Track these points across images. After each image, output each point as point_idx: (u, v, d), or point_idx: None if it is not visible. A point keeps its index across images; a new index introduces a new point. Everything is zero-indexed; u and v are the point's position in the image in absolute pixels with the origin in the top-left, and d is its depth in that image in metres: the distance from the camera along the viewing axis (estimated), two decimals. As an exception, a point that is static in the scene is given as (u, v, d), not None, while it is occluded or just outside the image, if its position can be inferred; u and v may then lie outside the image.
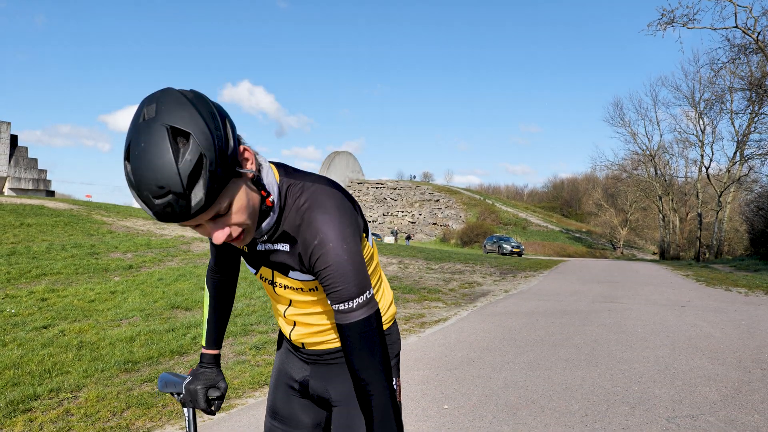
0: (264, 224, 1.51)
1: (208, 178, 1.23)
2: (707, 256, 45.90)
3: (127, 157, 1.23)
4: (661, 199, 56.77)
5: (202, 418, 4.76)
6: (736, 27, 31.84)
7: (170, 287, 10.74)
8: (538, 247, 63.06)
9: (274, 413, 1.95)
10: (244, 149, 1.40)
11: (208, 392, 1.93)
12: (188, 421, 2.01)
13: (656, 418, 4.73)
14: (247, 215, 1.39)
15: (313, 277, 1.59)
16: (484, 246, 48.54)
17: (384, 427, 1.48)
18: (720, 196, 46.23)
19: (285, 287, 1.70)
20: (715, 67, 41.69)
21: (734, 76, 39.60)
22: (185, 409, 2.02)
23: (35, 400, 5.02)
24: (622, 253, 68.33)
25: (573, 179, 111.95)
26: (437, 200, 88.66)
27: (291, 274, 1.63)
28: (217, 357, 2.00)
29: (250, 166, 1.40)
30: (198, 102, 1.28)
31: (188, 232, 20.24)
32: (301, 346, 1.85)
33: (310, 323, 1.76)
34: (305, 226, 1.49)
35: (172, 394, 2.06)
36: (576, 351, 7.17)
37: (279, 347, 2.02)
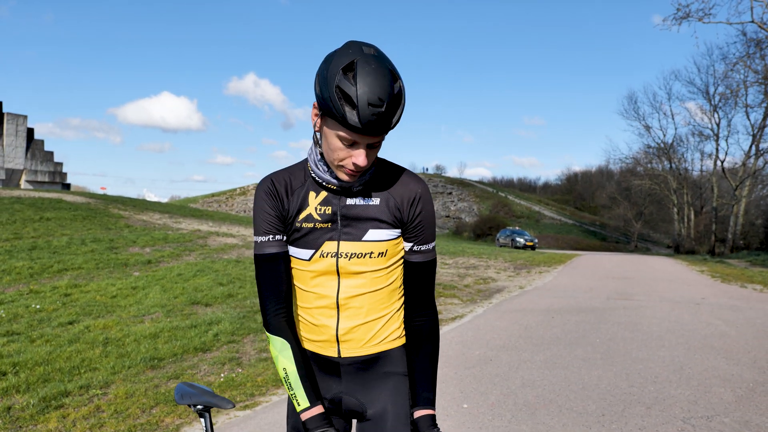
0: (365, 176, 1.79)
1: (400, 112, 1.65)
2: (723, 250, 45.63)
3: (348, 70, 1.57)
4: (675, 192, 56.44)
5: (229, 416, 4.90)
6: (752, 21, 31.55)
7: (189, 283, 10.91)
8: (551, 241, 62.95)
9: None
10: None
11: None
12: (206, 431, 2.08)
13: (672, 419, 4.82)
14: (374, 158, 1.74)
15: (389, 237, 1.81)
16: (498, 239, 48.48)
17: (436, 346, 1.91)
18: (735, 190, 45.91)
19: (350, 256, 1.78)
20: (729, 62, 41.29)
21: (749, 70, 39.25)
22: (202, 420, 2.07)
23: (66, 396, 5.19)
24: (636, 246, 68.04)
25: (586, 172, 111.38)
26: (450, 193, 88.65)
27: (368, 234, 1.79)
28: (326, 414, 1.74)
29: None
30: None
31: (204, 226, 20.46)
32: (337, 356, 1.85)
33: (359, 306, 1.80)
34: (403, 184, 1.84)
35: (189, 405, 2.07)
36: (592, 350, 7.25)
37: None
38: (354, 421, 1.97)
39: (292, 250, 1.82)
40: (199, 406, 2.04)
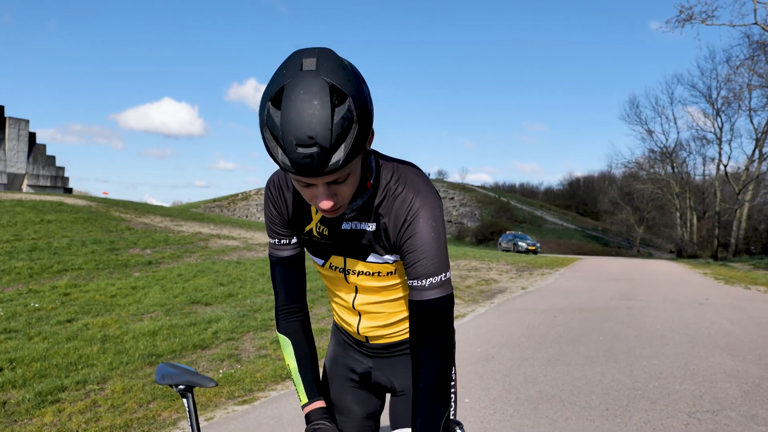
0: (355, 201, 1.52)
1: (351, 143, 1.25)
2: (726, 255, 45.48)
3: (277, 100, 1.23)
4: (678, 197, 56.32)
5: (227, 411, 4.83)
6: (756, 24, 31.48)
7: (189, 283, 10.85)
8: (553, 246, 62.81)
9: None
10: None
11: None
12: (189, 411, 2.00)
13: (677, 413, 4.74)
14: (353, 190, 1.40)
15: (392, 260, 1.60)
16: (500, 243, 48.36)
17: (430, 409, 1.50)
18: (738, 195, 45.79)
19: (358, 273, 1.66)
20: (733, 65, 41.25)
21: (752, 73, 39.21)
22: (185, 400, 2.00)
23: (63, 391, 5.12)
24: (638, 251, 67.87)
25: (589, 177, 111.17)
26: (452, 198, 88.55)
27: (369, 258, 1.60)
28: (326, 408, 1.75)
29: (368, 145, 1.40)
30: (354, 70, 1.30)
31: (205, 229, 20.41)
32: (365, 341, 1.83)
33: (378, 312, 1.74)
34: (399, 203, 1.50)
35: (170, 386, 1.99)
36: (595, 347, 7.17)
37: (332, 341, 2.00)
38: (388, 396, 1.96)
39: (309, 253, 1.76)
40: (181, 386, 1.93)
